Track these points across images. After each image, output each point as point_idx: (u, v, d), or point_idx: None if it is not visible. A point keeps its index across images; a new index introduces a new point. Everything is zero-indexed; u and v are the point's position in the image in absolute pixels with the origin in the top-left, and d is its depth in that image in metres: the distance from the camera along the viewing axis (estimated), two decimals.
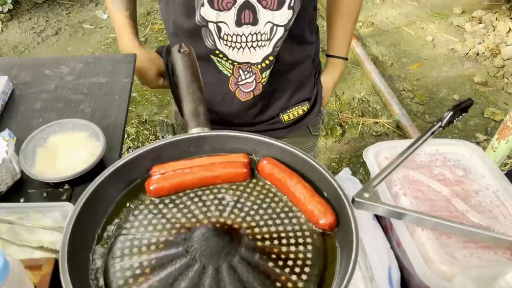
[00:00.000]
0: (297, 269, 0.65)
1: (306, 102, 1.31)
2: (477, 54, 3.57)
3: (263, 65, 1.14)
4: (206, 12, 1.06)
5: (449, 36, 3.81)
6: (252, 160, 0.80)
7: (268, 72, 1.16)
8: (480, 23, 3.89)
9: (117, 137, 1.06)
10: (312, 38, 1.24)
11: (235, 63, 1.14)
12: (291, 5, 1.06)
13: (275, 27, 1.08)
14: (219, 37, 1.10)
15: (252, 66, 1.14)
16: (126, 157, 0.78)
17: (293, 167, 0.78)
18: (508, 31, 3.73)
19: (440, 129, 0.93)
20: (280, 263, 0.66)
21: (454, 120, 0.96)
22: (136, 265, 0.65)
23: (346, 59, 1.38)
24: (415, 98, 3.22)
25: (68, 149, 0.98)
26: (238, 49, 1.11)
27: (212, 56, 1.14)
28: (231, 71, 1.16)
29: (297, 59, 1.21)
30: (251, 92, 1.20)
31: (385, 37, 3.82)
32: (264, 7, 1.05)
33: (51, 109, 1.11)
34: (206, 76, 1.18)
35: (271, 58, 1.13)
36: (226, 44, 1.11)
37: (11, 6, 3.90)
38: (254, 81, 1.17)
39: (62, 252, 0.62)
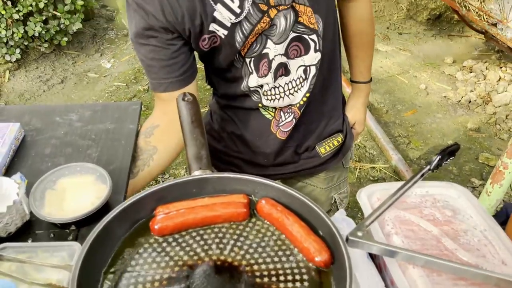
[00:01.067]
0: None
1: (340, 133, 1.43)
2: (469, 102, 3.68)
3: (301, 102, 1.26)
4: (251, 80, 1.18)
5: (442, 85, 3.95)
6: (251, 201, 0.85)
7: (304, 107, 1.27)
8: (471, 72, 4.03)
9: (122, 180, 1.11)
10: (338, 73, 1.37)
11: (277, 108, 1.26)
12: (317, 48, 1.18)
13: (308, 68, 1.20)
14: (263, 94, 1.22)
15: (292, 107, 1.26)
16: (132, 198, 0.82)
17: (290, 207, 0.82)
18: (499, 80, 3.87)
19: (429, 172, 0.99)
20: None
21: (443, 164, 1.02)
22: None
23: (369, 81, 1.51)
24: (411, 144, 3.30)
25: (75, 191, 1.02)
26: (279, 99, 1.23)
27: (257, 107, 1.27)
28: (273, 114, 1.28)
29: (327, 92, 1.33)
30: (290, 129, 1.30)
31: (379, 85, 3.95)
32: (293, 58, 1.17)
33: (60, 154, 1.16)
34: (251, 123, 1.32)
35: (307, 95, 1.25)
36: (267, 99, 1.23)
37: (19, 56, 4.05)
38: (294, 119, 1.29)
39: None
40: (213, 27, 1.06)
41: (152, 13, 1.03)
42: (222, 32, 1.07)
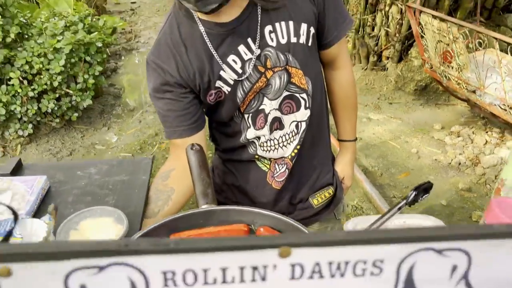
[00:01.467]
0: None
1: (330, 186, 1.57)
2: (459, 164, 3.86)
3: (292, 154, 1.42)
4: (249, 133, 1.36)
5: (432, 149, 4.15)
6: (251, 229, 0.99)
7: (295, 158, 1.43)
8: (458, 136, 4.25)
9: (136, 224, 1.24)
10: (326, 131, 1.54)
11: (272, 159, 1.42)
12: (307, 105, 1.36)
13: (299, 123, 1.39)
14: (259, 146, 1.39)
15: (285, 159, 1.42)
16: (148, 227, 0.96)
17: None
18: (485, 143, 4.07)
19: (406, 206, 1.13)
20: None
21: (419, 200, 1.16)
22: None
23: (355, 140, 1.67)
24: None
25: (96, 231, 1.16)
26: (273, 150, 1.40)
27: (253, 159, 1.43)
28: (268, 167, 1.44)
29: (317, 146, 1.49)
30: (284, 180, 1.45)
31: (373, 150, 4.15)
32: (287, 114, 1.36)
33: (81, 202, 1.31)
34: (248, 174, 1.47)
35: (298, 147, 1.41)
36: (264, 150, 1.39)
37: (31, 131, 4.29)
38: (287, 170, 1.44)
39: None
40: (218, 83, 1.26)
41: (168, 71, 1.24)
42: (226, 88, 1.27)
